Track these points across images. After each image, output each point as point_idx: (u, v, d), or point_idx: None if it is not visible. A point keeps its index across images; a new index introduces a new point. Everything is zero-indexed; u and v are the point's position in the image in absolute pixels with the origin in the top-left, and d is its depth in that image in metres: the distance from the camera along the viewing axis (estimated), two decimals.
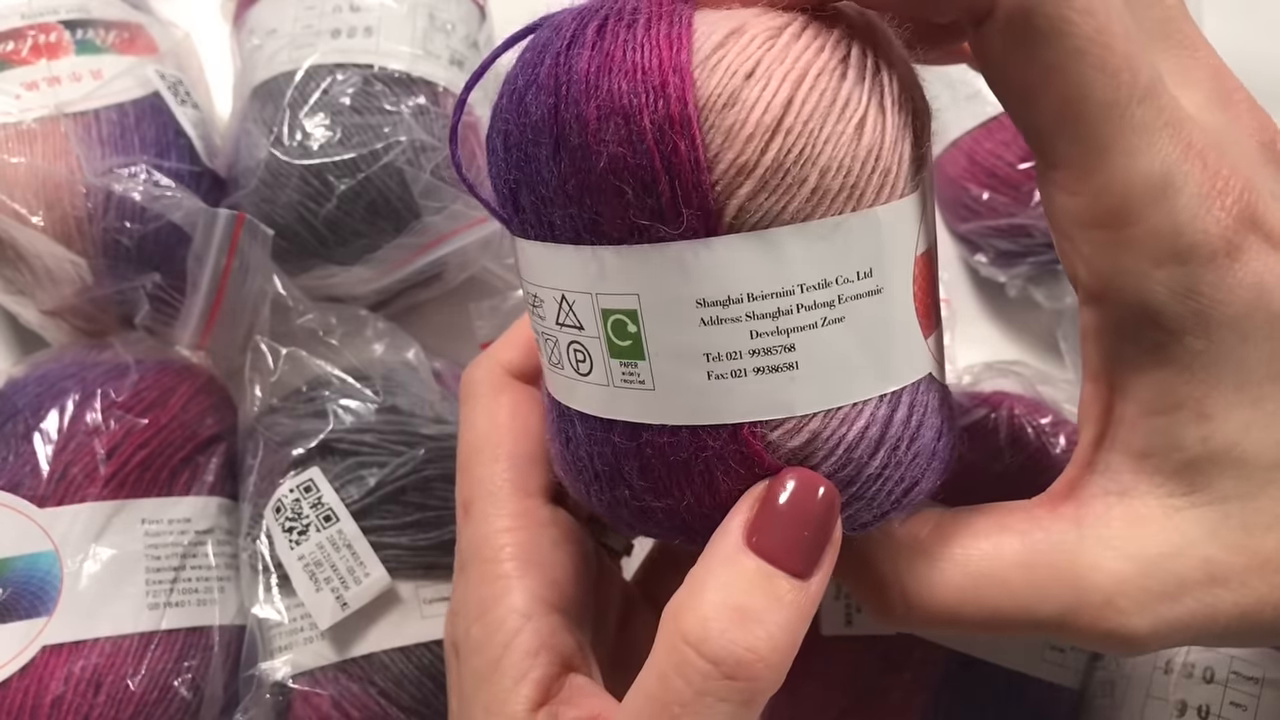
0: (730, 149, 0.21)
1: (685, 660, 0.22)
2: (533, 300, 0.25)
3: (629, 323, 0.23)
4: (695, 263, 0.22)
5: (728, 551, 0.23)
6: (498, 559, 0.27)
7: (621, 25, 0.22)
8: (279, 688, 0.38)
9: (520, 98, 0.23)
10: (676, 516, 0.24)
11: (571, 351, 0.24)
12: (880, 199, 0.22)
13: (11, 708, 0.36)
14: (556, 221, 0.23)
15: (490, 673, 0.26)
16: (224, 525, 0.42)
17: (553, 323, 0.25)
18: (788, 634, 0.22)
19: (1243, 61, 0.26)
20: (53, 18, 0.46)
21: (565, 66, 0.22)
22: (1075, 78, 0.21)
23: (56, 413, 0.40)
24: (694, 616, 0.22)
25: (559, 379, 0.25)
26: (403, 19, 0.46)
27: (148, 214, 0.43)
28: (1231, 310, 0.22)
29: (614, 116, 0.21)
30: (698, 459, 0.23)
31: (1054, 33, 0.21)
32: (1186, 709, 0.34)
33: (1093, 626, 0.24)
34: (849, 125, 0.22)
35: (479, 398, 0.30)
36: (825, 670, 0.37)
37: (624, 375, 0.23)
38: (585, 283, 0.23)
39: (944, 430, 0.26)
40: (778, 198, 0.22)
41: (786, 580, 0.22)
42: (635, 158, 0.21)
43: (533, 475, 0.28)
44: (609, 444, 0.24)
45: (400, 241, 0.45)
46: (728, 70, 0.22)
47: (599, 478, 0.25)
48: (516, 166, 0.24)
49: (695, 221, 0.22)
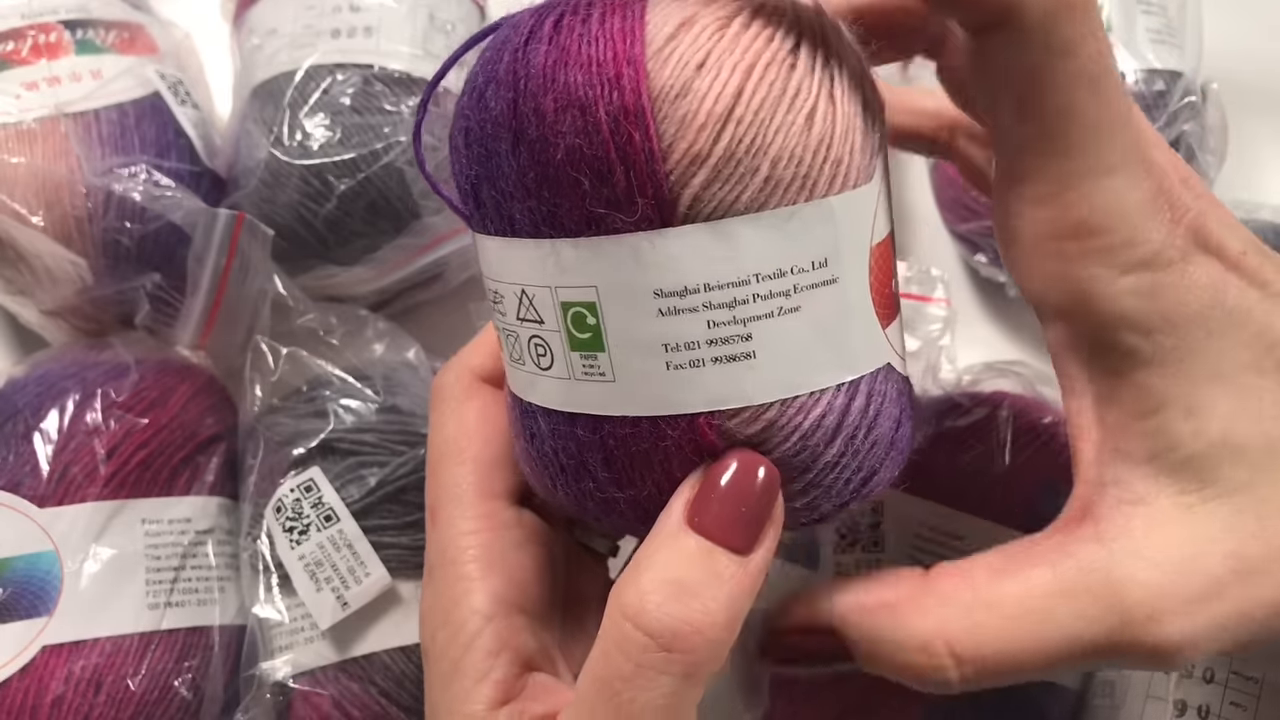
0: (683, 139, 0.22)
1: (624, 635, 0.22)
2: (494, 296, 0.26)
3: (588, 314, 0.23)
4: (651, 253, 0.22)
5: (669, 530, 0.23)
6: (460, 561, 0.28)
7: (577, 19, 0.23)
8: (279, 687, 0.38)
9: (480, 94, 0.24)
10: (639, 507, 0.25)
11: (532, 346, 0.25)
12: (833, 189, 0.23)
13: (12, 708, 0.36)
14: (516, 215, 0.24)
15: (452, 674, 0.26)
16: (224, 525, 0.42)
17: (514, 318, 0.25)
18: (726, 609, 0.23)
19: (1243, 61, 0.26)
20: (53, 18, 0.46)
21: (523, 61, 0.23)
22: (1072, 95, 0.22)
23: (56, 413, 0.40)
24: (633, 591, 0.23)
25: (520, 375, 0.26)
26: (403, 19, 0.46)
27: (148, 214, 0.43)
28: (1192, 309, 0.24)
29: (570, 108, 0.22)
30: (657, 449, 0.24)
31: (1066, 52, 0.22)
32: (1186, 709, 0.34)
33: (1141, 641, 0.23)
34: (799, 115, 0.22)
35: (446, 401, 0.30)
36: (825, 671, 0.37)
37: (585, 368, 0.24)
38: (545, 276, 0.23)
39: (902, 420, 0.26)
40: (730, 187, 0.22)
41: (726, 556, 0.23)
42: (591, 148, 0.22)
43: (498, 478, 0.29)
44: (572, 437, 0.25)
45: (400, 242, 0.45)
46: (679, 61, 0.22)
47: (564, 471, 0.25)
48: (477, 162, 0.24)
49: (650, 211, 0.22)
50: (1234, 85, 0.47)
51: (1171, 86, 0.44)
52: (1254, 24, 0.55)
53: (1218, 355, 0.24)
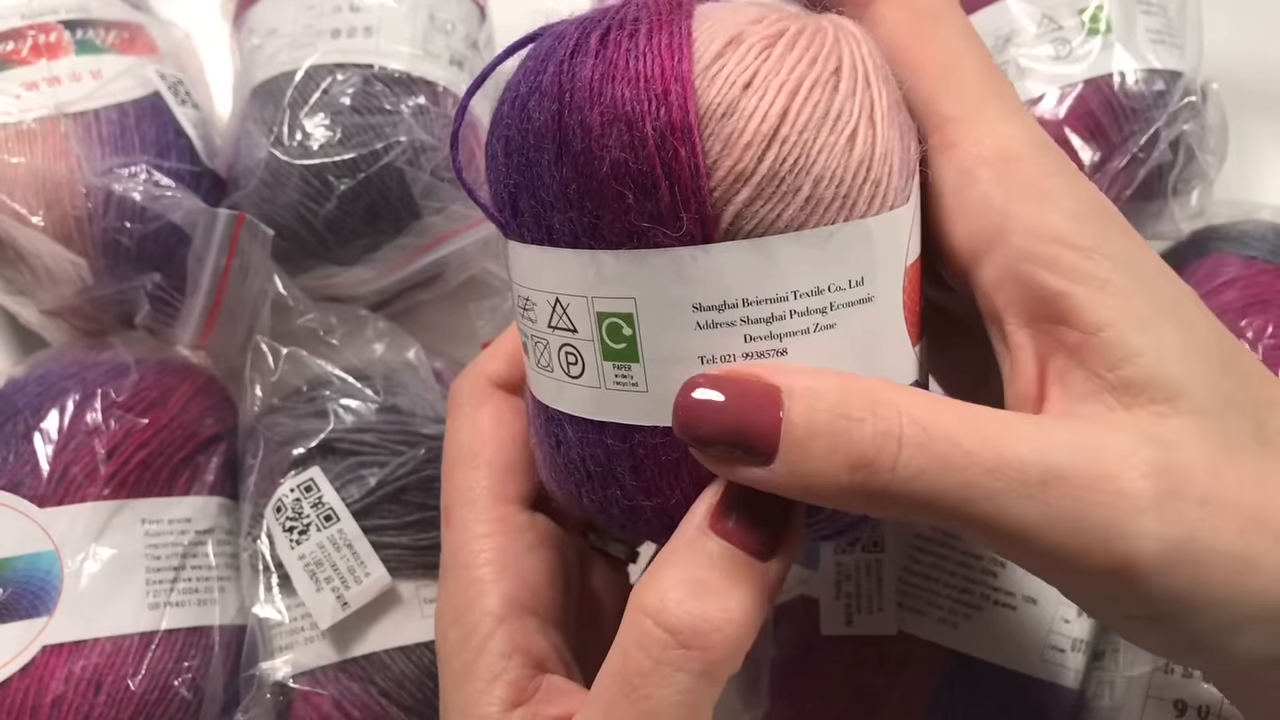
0: (729, 156, 0.22)
1: (644, 631, 0.22)
2: (523, 303, 0.26)
3: (624, 325, 0.23)
4: (693, 267, 0.22)
5: (692, 533, 0.23)
6: (474, 564, 0.28)
7: (624, 34, 0.23)
8: (279, 687, 0.38)
9: (523, 104, 0.24)
10: (665, 515, 0.25)
11: (563, 354, 0.25)
12: (872, 210, 0.23)
13: (12, 708, 0.36)
14: (555, 225, 0.24)
15: (465, 675, 0.27)
16: (224, 525, 0.42)
17: (544, 325, 0.25)
18: (744, 611, 0.23)
19: (1243, 61, 0.26)
20: (53, 18, 0.46)
21: (569, 74, 0.23)
22: (954, 46, 0.25)
23: (56, 413, 0.40)
24: (654, 590, 0.23)
25: (547, 381, 0.26)
26: (403, 19, 0.46)
27: (148, 214, 0.43)
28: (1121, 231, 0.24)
29: (617, 122, 0.22)
30: (687, 459, 0.24)
31: (938, 14, 0.25)
32: (1186, 709, 0.34)
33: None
34: (841, 137, 0.23)
35: (462, 407, 0.31)
36: (825, 671, 0.37)
37: (617, 377, 0.24)
38: (582, 286, 0.24)
39: None
40: (773, 205, 0.22)
41: (747, 560, 0.23)
42: (637, 162, 0.22)
43: (511, 483, 0.29)
44: (601, 445, 0.25)
45: (400, 242, 0.45)
46: (727, 80, 0.22)
47: (591, 478, 0.26)
48: (517, 171, 0.24)
49: (693, 226, 0.22)
50: (1234, 85, 0.47)
51: (1171, 86, 0.44)
52: (1254, 24, 0.55)
53: (1150, 280, 0.23)
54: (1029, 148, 0.24)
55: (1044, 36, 0.45)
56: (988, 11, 0.46)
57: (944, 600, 0.37)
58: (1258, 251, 0.43)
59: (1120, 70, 0.43)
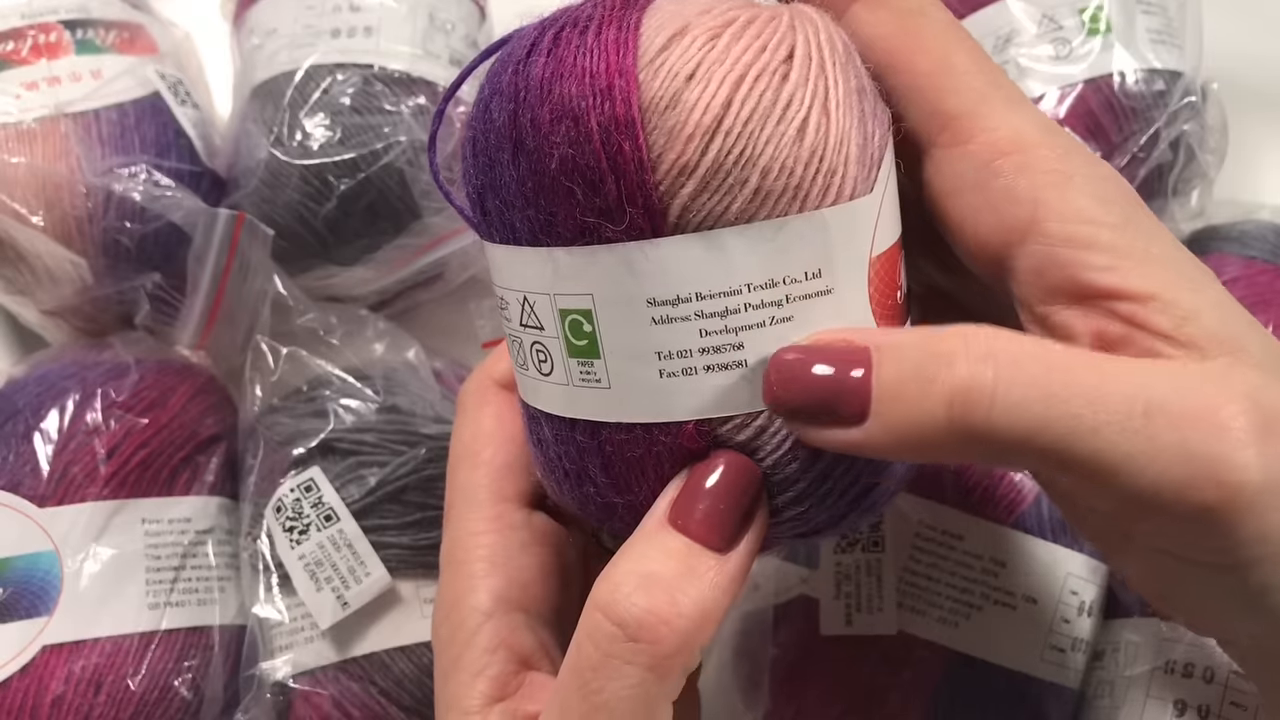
0: (671, 149, 0.22)
1: (594, 624, 0.23)
2: (501, 303, 0.26)
3: (584, 322, 0.24)
4: (644, 262, 0.22)
5: (650, 527, 0.24)
6: (468, 561, 0.28)
7: (575, 32, 0.23)
8: (280, 687, 0.38)
9: (486, 106, 0.24)
10: (635, 511, 0.25)
11: (534, 352, 0.25)
12: (826, 200, 0.23)
13: (12, 708, 0.36)
14: (517, 224, 0.24)
15: (452, 668, 0.27)
16: (224, 525, 0.42)
17: (517, 324, 0.25)
18: (698, 605, 0.23)
19: (1243, 61, 0.26)
20: (53, 18, 0.46)
21: (523, 74, 0.23)
22: (945, 43, 0.25)
23: (56, 413, 0.40)
24: (607, 584, 0.23)
25: (526, 380, 0.26)
26: (403, 19, 0.46)
27: (148, 214, 0.43)
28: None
29: (564, 119, 0.22)
30: (651, 455, 0.24)
31: (920, 10, 0.25)
32: (1186, 709, 0.34)
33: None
34: (791, 126, 0.22)
35: (467, 408, 0.31)
36: (825, 671, 0.37)
37: (582, 374, 0.24)
38: (544, 283, 0.24)
39: None
40: (720, 198, 0.22)
41: (704, 554, 0.23)
42: (583, 158, 0.22)
43: (510, 482, 0.29)
44: (573, 442, 0.25)
45: (400, 242, 0.45)
46: (670, 72, 0.22)
47: (568, 476, 0.26)
48: (483, 171, 0.24)
49: (641, 220, 0.22)
50: (1234, 85, 0.47)
51: (1171, 86, 0.44)
52: (1254, 24, 0.55)
53: (1174, 252, 0.23)
54: (1041, 134, 0.24)
55: (1044, 36, 0.45)
56: (988, 11, 0.46)
57: (944, 600, 0.37)
58: (1258, 251, 0.43)
59: (1120, 70, 0.43)
